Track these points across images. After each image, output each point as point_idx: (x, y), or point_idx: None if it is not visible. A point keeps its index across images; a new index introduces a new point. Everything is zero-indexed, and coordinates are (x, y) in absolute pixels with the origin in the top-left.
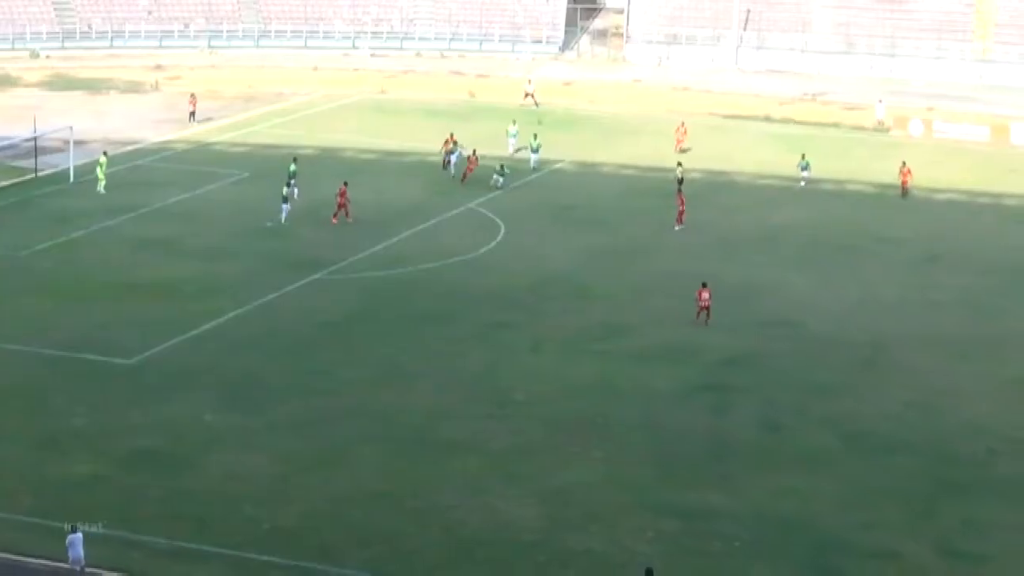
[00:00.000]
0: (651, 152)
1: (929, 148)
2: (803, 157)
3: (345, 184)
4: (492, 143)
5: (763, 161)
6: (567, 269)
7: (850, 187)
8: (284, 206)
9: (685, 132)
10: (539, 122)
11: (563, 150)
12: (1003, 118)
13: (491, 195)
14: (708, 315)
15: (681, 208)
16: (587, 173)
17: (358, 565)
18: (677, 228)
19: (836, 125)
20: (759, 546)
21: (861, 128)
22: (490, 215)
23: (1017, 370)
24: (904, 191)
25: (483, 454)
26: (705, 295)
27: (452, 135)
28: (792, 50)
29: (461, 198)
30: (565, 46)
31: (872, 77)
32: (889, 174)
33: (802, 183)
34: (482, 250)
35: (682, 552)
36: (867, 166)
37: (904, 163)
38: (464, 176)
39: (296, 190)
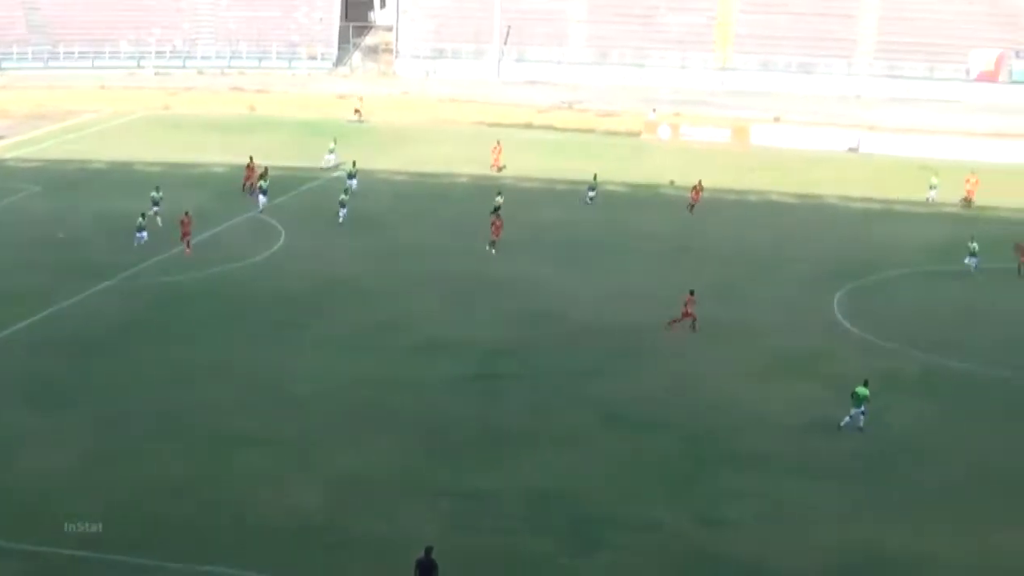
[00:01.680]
0: (421, 159)
1: (676, 151)
2: (595, 178)
3: (187, 213)
4: (274, 154)
5: (525, 166)
6: (346, 270)
7: (606, 188)
8: (140, 234)
9: (500, 151)
10: (335, 140)
11: (340, 159)
12: (743, 121)
13: (274, 202)
14: (680, 320)
15: (496, 235)
16: (363, 180)
17: (158, 556)
18: (493, 252)
19: (591, 131)
20: (528, 522)
21: (614, 133)
22: (272, 221)
23: (758, 351)
24: (691, 206)
25: (272, 446)
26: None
27: (252, 159)
28: (549, 62)
29: (245, 206)
30: (339, 62)
31: (624, 86)
32: (641, 175)
33: (588, 200)
34: (266, 254)
35: (458, 530)
36: (620, 168)
37: (700, 182)
38: (244, 186)
39: (159, 218)
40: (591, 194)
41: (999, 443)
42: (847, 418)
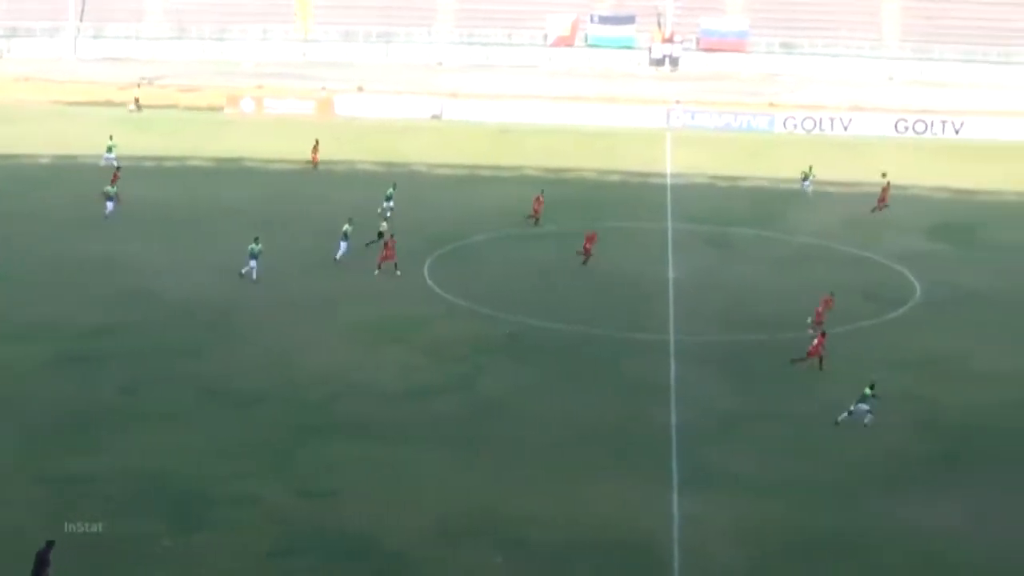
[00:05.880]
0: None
1: (261, 124)
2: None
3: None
4: None
5: (101, 144)
6: None
7: (191, 163)
8: None
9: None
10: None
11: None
12: (327, 91)
13: None
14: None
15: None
16: None
17: None
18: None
19: (173, 106)
20: (128, 504)
21: (196, 108)
22: None
23: (353, 321)
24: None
25: None
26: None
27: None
28: (128, 38)
29: None
30: None
31: (204, 60)
32: (225, 149)
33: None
34: None
35: (58, 517)
36: (204, 143)
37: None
38: None
39: None
40: (387, 204)
41: (588, 399)
42: (844, 414)
